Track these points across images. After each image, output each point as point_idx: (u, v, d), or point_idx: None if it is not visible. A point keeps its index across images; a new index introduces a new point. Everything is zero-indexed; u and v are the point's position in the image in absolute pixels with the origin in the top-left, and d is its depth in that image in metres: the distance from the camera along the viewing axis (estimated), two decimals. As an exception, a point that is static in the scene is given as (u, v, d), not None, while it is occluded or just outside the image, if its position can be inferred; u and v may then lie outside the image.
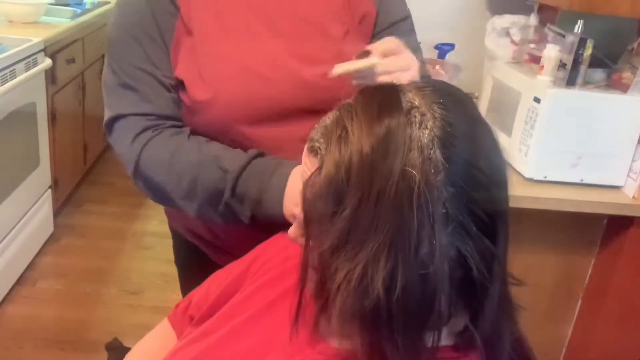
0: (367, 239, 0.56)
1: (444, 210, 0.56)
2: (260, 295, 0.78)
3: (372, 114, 0.58)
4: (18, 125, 2.32)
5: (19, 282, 2.39)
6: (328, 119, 0.62)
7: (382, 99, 0.60)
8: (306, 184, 0.61)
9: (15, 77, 2.21)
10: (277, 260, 0.83)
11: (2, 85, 2.11)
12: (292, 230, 0.69)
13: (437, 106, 0.58)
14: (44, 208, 2.64)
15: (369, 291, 0.56)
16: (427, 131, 0.56)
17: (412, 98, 0.59)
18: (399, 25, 1.04)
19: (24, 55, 2.31)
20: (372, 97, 0.61)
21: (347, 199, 0.56)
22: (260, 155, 0.90)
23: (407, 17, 1.06)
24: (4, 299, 2.27)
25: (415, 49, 1.02)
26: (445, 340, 0.62)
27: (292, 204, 0.81)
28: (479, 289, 0.59)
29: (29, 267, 2.50)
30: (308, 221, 0.62)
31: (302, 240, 0.65)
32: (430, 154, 0.55)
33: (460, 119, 0.58)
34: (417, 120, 0.57)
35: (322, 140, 0.61)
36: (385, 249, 0.55)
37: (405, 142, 0.56)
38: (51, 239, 2.72)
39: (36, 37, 2.43)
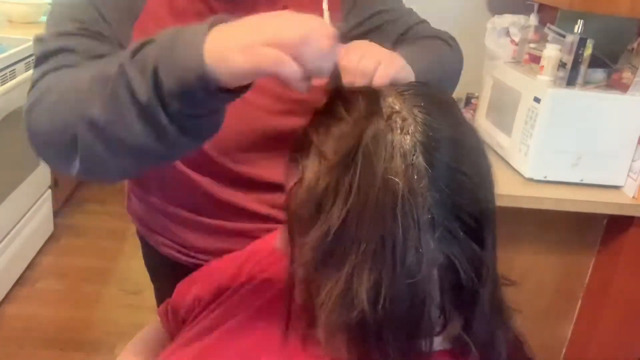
0: (350, 252, 0.54)
1: (429, 216, 0.54)
2: (255, 297, 0.77)
3: (351, 120, 0.56)
4: (18, 125, 2.30)
5: (19, 282, 2.39)
6: (308, 126, 0.61)
7: (362, 104, 0.58)
8: (289, 195, 0.60)
9: (15, 77, 2.21)
10: (271, 259, 0.82)
11: (2, 85, 2.11)
12: (280, 241, 0.67)
13: (419, 110, 0.56)
14: (44, 208, 2.64)
15: (353, 305, 0.54)
16: (408, 137, 0.55)
17: (392, 102, 0.57)
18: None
19: (24, 55, 2.30)
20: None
21: (328, 211, 0.55)
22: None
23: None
24: (4, 299, 2.27)
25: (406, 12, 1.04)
26: (441, 344, 0.61)
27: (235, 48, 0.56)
28: (468, 294, 0.58)
29: (29, 267, 2.49)
30: (292, 232, 0.60)
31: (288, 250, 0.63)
32: (412, 159, 0.54)
33: (443, 123, 0.57)
34: (398, 125, 0.55)
35: (302, 148, 0.59)
36: (368, 261, 0.54)
37: (386, 149, 0.54)
38: (51, 239, 2.72)
39: (36, 37, 2.43)
